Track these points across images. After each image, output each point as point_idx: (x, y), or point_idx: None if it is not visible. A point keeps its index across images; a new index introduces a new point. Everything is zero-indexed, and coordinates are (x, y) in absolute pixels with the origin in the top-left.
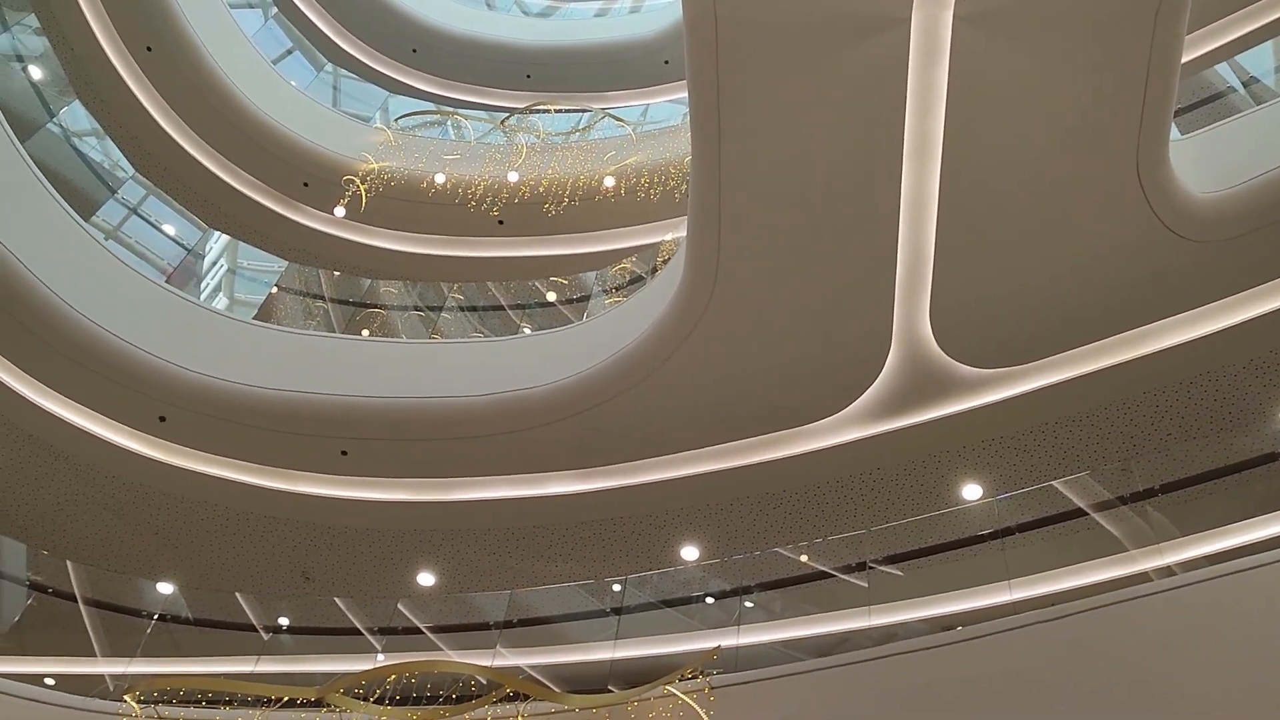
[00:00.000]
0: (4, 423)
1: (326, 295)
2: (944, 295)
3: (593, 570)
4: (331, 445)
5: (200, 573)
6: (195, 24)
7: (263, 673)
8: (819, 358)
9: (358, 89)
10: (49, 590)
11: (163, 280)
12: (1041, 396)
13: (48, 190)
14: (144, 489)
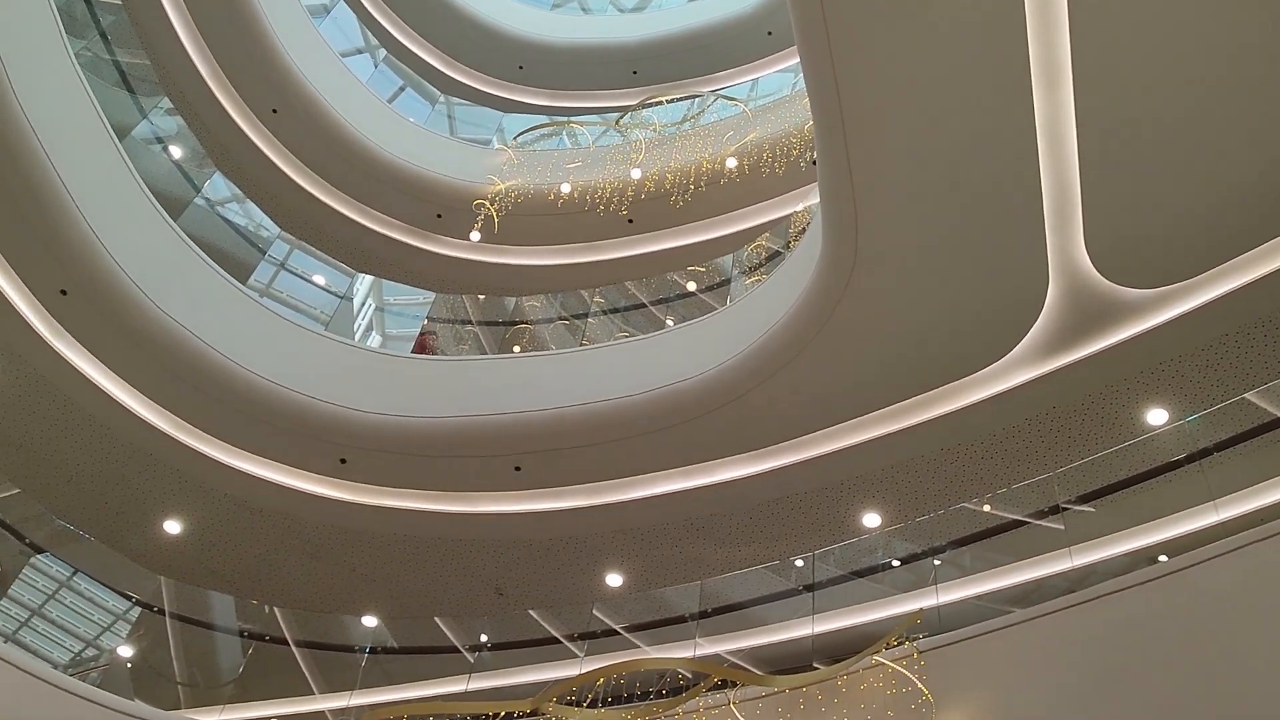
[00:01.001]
0: (201, 486)
1: (474, 319)
2: (1097, 219)
3: (776, 550)
4: (504, 463)
5: (399, 602)
6: (313, 80)
7: (475, 690)
8: (975, 304)
9: (472, 114)
10: (265, 638)
11: (322, 329)
12: (1216, 308)
13: (205, 262)
14: (335, 529)
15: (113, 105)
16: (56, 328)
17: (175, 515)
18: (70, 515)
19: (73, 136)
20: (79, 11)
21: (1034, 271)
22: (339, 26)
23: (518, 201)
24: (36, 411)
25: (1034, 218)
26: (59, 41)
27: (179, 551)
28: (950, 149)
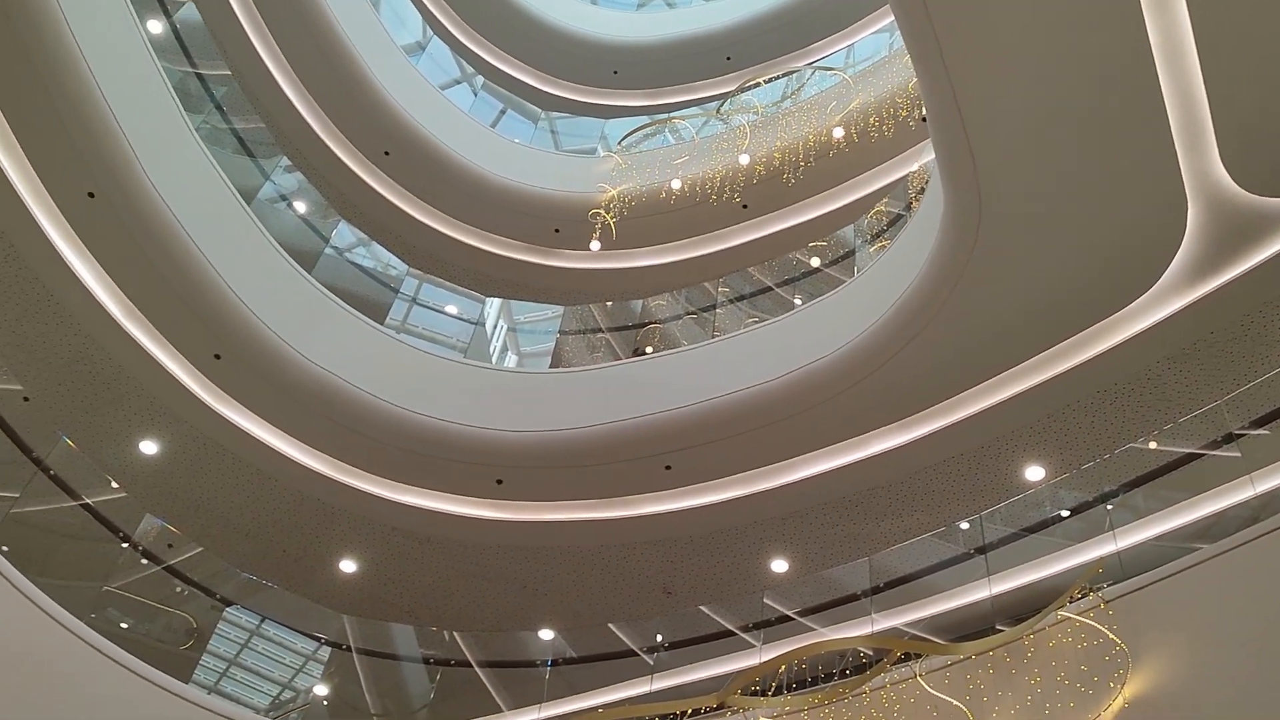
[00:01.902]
0: (369, 523)
1: (604, 326)
2: (1230, 133)
3: (940, 516)
4: (654, 463)
5: (572, 613)
6: (419, 118)
7: (659, 690)
8: (1113, 237)
9: (574, 126)
10: (450, 662)
11: (461, 356)
12: None
13: (343, 308)
14: (500, 549)
15: (236, 171)
16: (216, 391)
17: (349, 554)
18: (252, 567)
19: (205, 207)
20: (193, 87)
21: (1170, 196)
22: (435, 61)
23: (631, 205)
24: (209, 472)
25: (1162, 142)
26: (179, 119)
27: (357, 588)
28: (1063, 83)
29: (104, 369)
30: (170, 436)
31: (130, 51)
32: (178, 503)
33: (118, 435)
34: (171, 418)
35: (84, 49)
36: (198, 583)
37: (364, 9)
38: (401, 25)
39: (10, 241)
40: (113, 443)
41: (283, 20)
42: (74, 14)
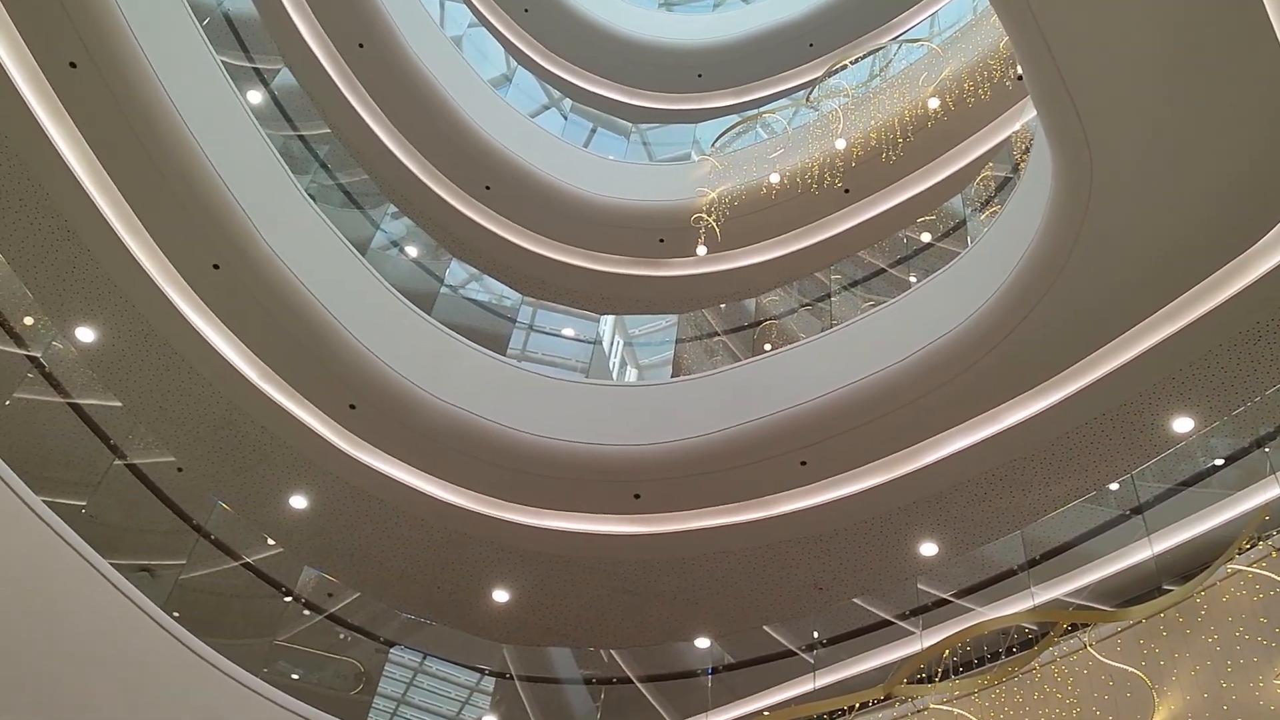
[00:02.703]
0: (516, 551)
1: (720, 330)
2: None
3: (1090, 480)
4: (788, 461)
5: (725, 619)
6: (514, 149)
7: (822, 687)
8: (1239, 167)
9: (665, 135)
10: (612, 680)
11: (583, 377)
12: None
13: (466, 344)
14: (644, 563)
15: (348, 224)
16: (354, 440)
17: (500, 584)
18: (410, 606)
19: (324, 263)
20: (296, 150)
21: None
22: (522, 90)
23: (732, 205)
24: (357, 519)
25: (1275, 70)
26: (289, 182)
27: (512, 617)
28: (1163, 22)
29: (248, 432)
30: (317, 489)
31: (235, 124)
32: (332, 552)
33: (268, 493)
34: (316, 470)
35: (192, 128)
36: (360, 627)
37: (448, 51)
38: (485, 60)
39: (149, 321)
40: (265, 501)
41: (374, 74)
42: (179, 93)
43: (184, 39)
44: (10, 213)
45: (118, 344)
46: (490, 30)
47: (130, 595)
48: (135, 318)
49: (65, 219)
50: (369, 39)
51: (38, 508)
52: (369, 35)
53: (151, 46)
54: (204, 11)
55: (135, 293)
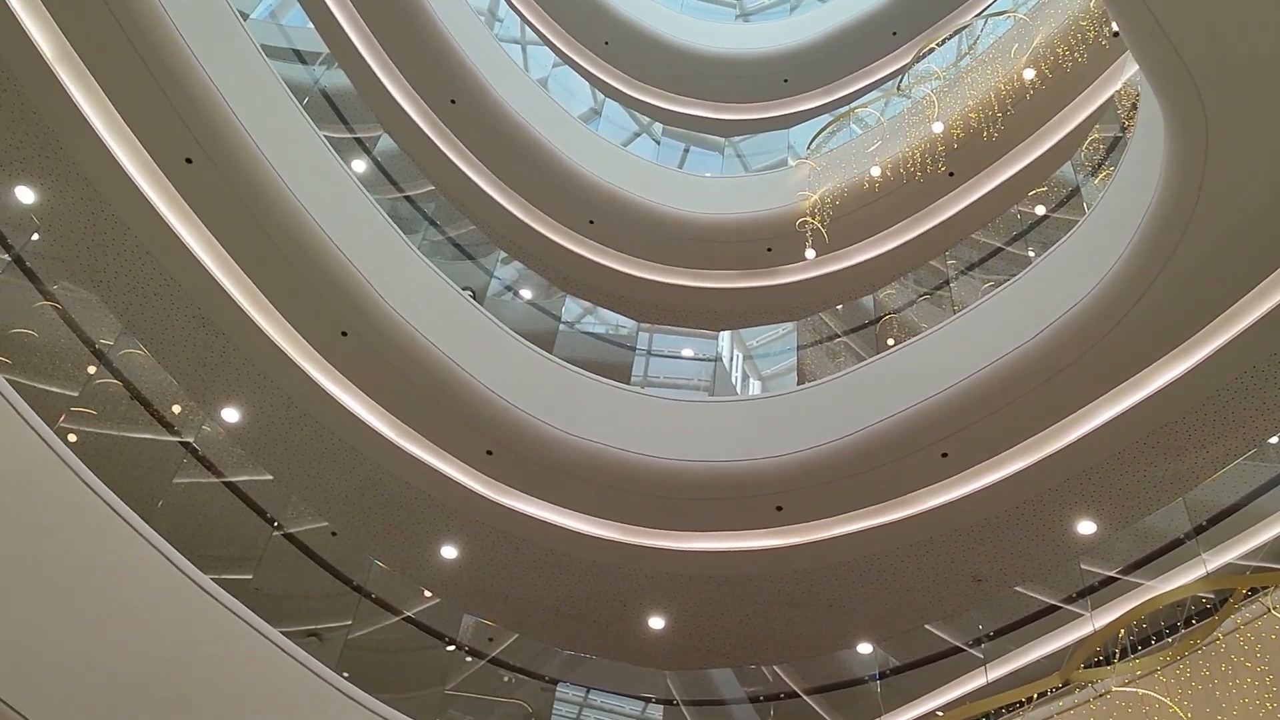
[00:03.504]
0: (668, 577)
1: (840, 331)
2: None
3: (1246, 438)
4: (928, 454)
5: (884, 622)
6: (613, 180)
7: (995, 679)
8: None
9: (759, 144)
10: (780, 695)
11: (708, 396)
12: None
13: (591, 378)
14: (794, 574)
15: (462, 276)
16: (495, 485)
17: (654, 611)
18: (569, 642)
19: (446, 316)
20: (404, 210)
21: None
22: (612, 121)
23: (836, 204)
24: (507, 562)
25: None
26: (401, 243)
27: (670, 642)
28: None
29: (393, 489)
30: (465, 537)
31: (345, 195)
32: (487, 597)
33: (420, 547)
34: (462, 519)
35: (305, 204)
36: (523, 668)
37: (536, 94)
38: (572, 97)
39: (288, 395)
40: (417, 555)
41: (469, 126)
42: (290, 173)
43: (288, 120)
44: (148, 307)
45: (261, 420)
46: (574, 67)
47: (303, 661)
48: (275, 393)
49: (199, 307)
50: (460, 94)
51: (207, 585)
52: (459, 91)
53: (259, 132)
54: (302, 90)
55: (272, 369)
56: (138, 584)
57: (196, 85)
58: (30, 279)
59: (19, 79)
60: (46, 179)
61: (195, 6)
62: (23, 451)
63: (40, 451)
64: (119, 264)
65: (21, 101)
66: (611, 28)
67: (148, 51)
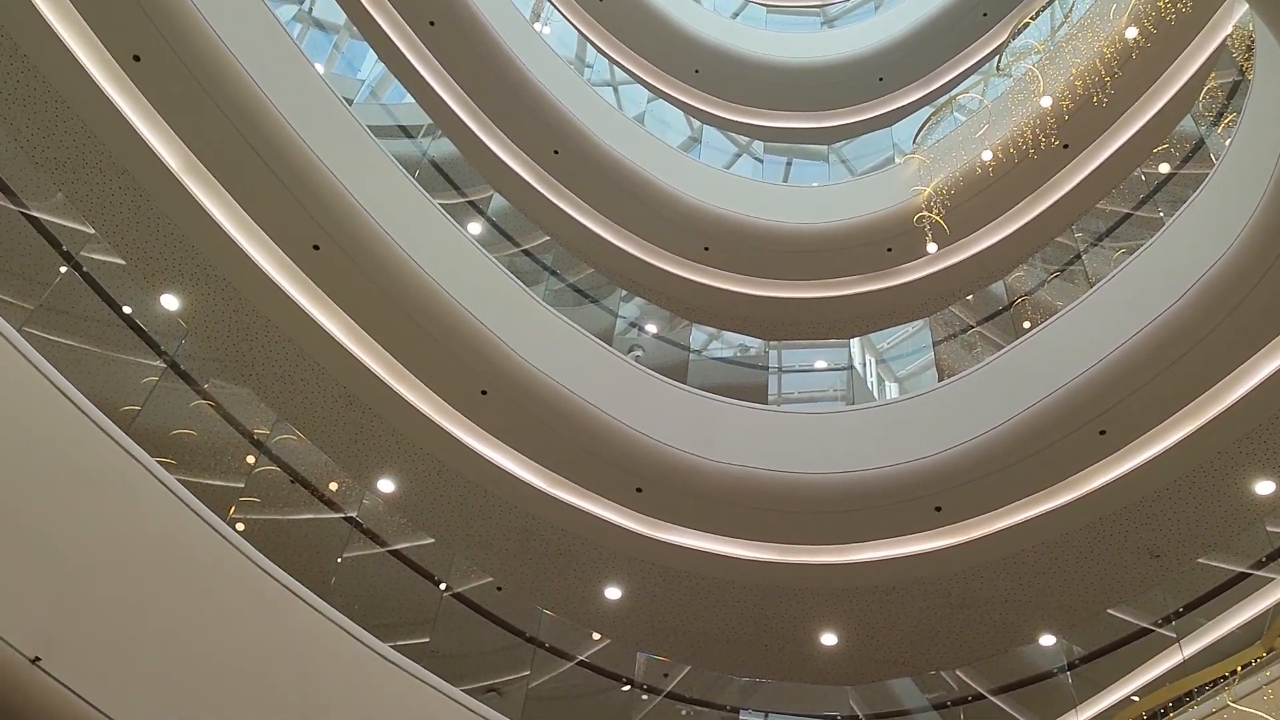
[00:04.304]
0: (833, 589)
1: (973, 322)
2: None
3: None
4: (1085, 434)
5: (1062, 610)
6: (723, 205)
7: (1192, 657)
8: None
9: (861, 147)
10: (968, 699)
11: (847, 405)
12: None
13: (726, 403)
14: (962, 574)
15: (586, 320)
16: (647, 520)
17: (824, 627)
18: (742, 669)
19: (577, 360)
20: (523, 264)
21: None
22: (711, 147)
23: (951, 194)
24: (670, 595)
25: None
26: (526, 297)
27: (845, 657)
28: None
29: (549, 537)
30: (625, 576)
31: (467, 258)
32: (655, 632)
33: (583, 590)
34: (620, 559)
35: (431, 272)
36: (701, 699)
37: (634, 131)
38: (669, 128)
39: (438, 459)
40: (582, 599)
41: (575, 173)
42: (413, 246)
43: (403, 194)
44: (296, 392)
45: (416, 486)
46: (667, 99)
47: (489, 717)
48: (425, 458)
49: (343, 386)
50: (561, 144)
51: (387, 653)
52: (560, 140)
53: (378, 210)
54: (412, 163)
55: (419, 436)
56: (322, 659)
57: (314, 175)
58: (185, 381)
59: (150, 193)
60: (187, 284)
61: (303, 100)
62: (200, 545)
63: (215, 543)
64: (264, 355)
65: (155, 214)
66: (699, 55)
67: (265, 149)
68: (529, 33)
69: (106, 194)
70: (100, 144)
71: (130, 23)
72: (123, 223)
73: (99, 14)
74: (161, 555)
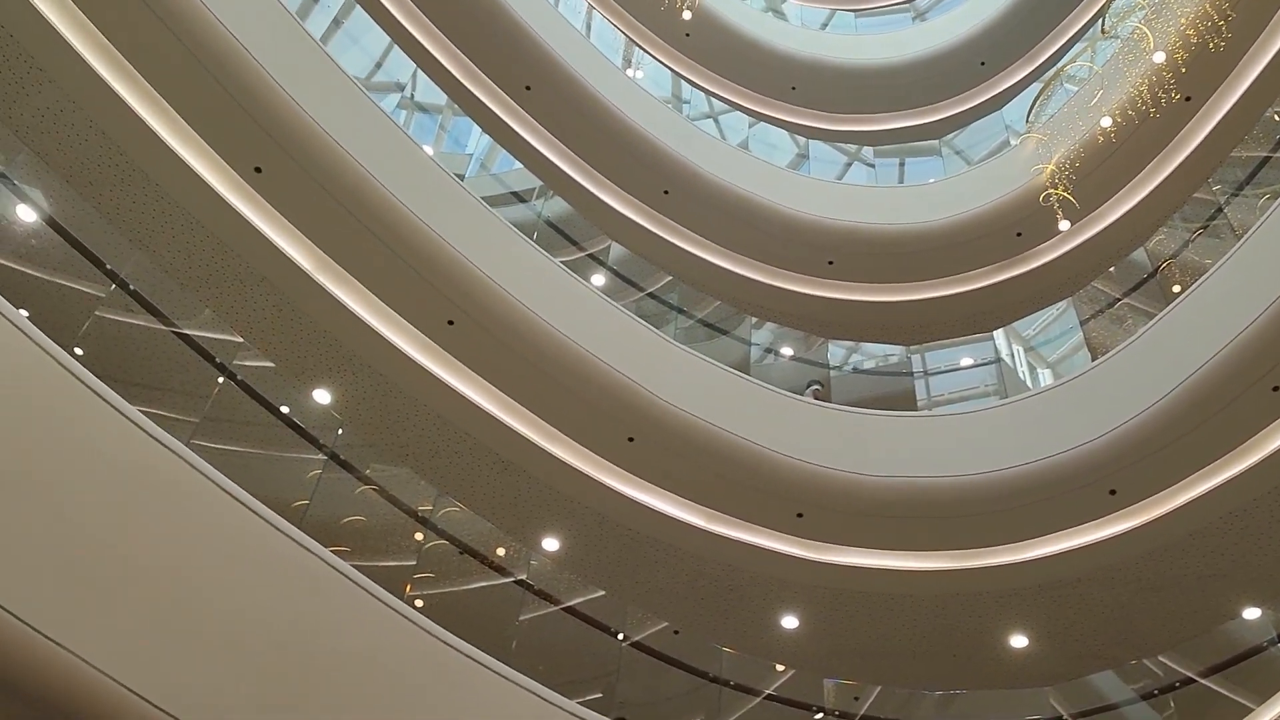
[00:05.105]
0: (1012, 591)
1: (1118, 295)
2: None
3: None
4: (1260, 389)
5: (1264, 580)
6: (844, 216)
7: None
8: None
9: (973, 134)
10: (1175, 685)
11: (1000, 399)
12: None
13: (877, 414)
14: (1151, 555)
15: (719, 352)
16: (812, 544)
17: (1012, 630)
18: (933, 682)
19: (720, 395)
20: (650, 307)
21: None
22: (820, 161)
23: (1075, 167)
24: (849, 617)
25: None
26: (658, 339)
27: (1039, 657)
28: None
29: (717, 575)
30: (799, 602)
31: (594, 309)
32: (838, 656)
33: (759, 624)
34: (791, 586)
35: (568, 333)
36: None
37: (741, 158)
38: (775, 149)
39: (599, 512)
40: (760, 632)
41: (688, 209)
42: (547, 310)
43: (526, 258)
44: (452, 464)
45: (579, 541)
46: (769, 121)
47: None
48: (584, 512)
49: (496, 452)
50: (671, 183)
51: (576, 710)
52: (670, 180)
53: (504, 278)
54: (529, 226)
55: (575, 491)
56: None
57: (439, 254)
58: (347, 470)
59: (289, 295)
60: (335, 376)
61: (418, 183)
62: (380, 625)
63: (395, 621)
64: (416, 433)
65: (296, 315)
66: (793, 72)
67: (389, 236)
68: (623, 81)
69: (249, 302)
70: (236, 255)
71: (248, 138)
72: (267, 327)
73: (217, 133)
74: (346, 642)
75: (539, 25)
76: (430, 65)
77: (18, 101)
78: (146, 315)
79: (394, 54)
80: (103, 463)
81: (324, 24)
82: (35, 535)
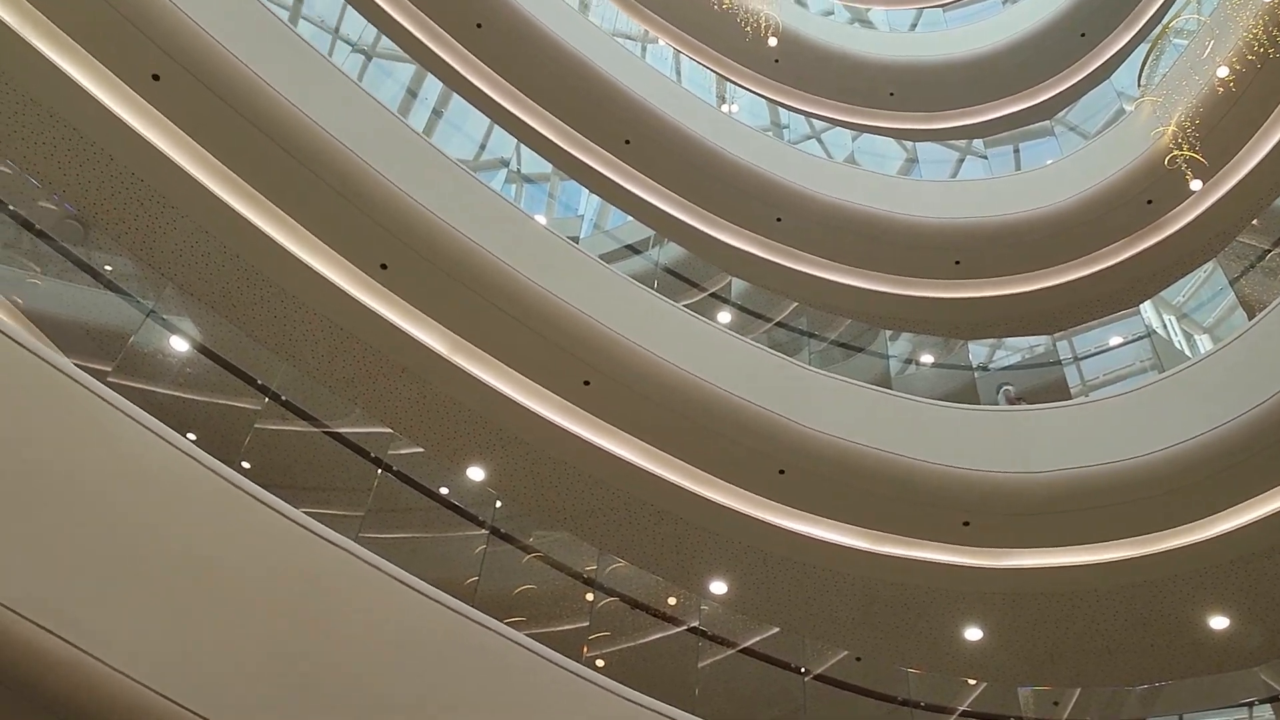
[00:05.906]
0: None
1: (1268, 245)
2: None
3: None
4: None
5: None
6: (967, 213)
7: None
8: None
9: (1085, 108)
10: None
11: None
12: None
13: (1031, 409)
14: None
15: (860, 369)
16: (982, 551)
17: (1211, 610)
18: (1135, 676)
19: (867, 417)
20: (781, 336)
21: None
22: (930, 161)
23: (1197, 123)
24: (1034, 622)
25: None
26: (797, 369)
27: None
28: None
29: (890, 595)
30: (980, 613)
31: (726, 348)
32: (1030, 663)
33: (943, 638)
34: (968, 598)
35: (703, 375)
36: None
37: (849, 173)
38: (883, 158)
39: (759, 550)
40: (944, 646)
41: (805, 233)
42: (674, 354)
43: (651, 309)
44: (610, 523)
45: (746, 582)
46: (870, 131)
47: None
48: (747, 552)
49: (651, 504)
50: (782, 209)
51: None
52: (780, 206)
53: (634, 332)
54: (648, 277)
55: (733, 533)
56: None
57: (567, 319)
58: (509, 541)
59: (429, 380)
60: (485, 452)
61: (536, 253)
62: (562, 690)
63: (579, 686)
64: (571, 496)
65: (438, 398)
66: (889, 78)
67: (518, 310)
68: (718, 117)
69: (393, 393)
70: (374, 351)
71: (371, 237)
72: (412, 414)
73: (342, 238)
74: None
75: (630, 81)
76: (530, 136)
77: (156, 240)
78: (300, 421)
79: (495, 132)
80: (279, 569)
81: (424, 116)
82: (223, 640)
